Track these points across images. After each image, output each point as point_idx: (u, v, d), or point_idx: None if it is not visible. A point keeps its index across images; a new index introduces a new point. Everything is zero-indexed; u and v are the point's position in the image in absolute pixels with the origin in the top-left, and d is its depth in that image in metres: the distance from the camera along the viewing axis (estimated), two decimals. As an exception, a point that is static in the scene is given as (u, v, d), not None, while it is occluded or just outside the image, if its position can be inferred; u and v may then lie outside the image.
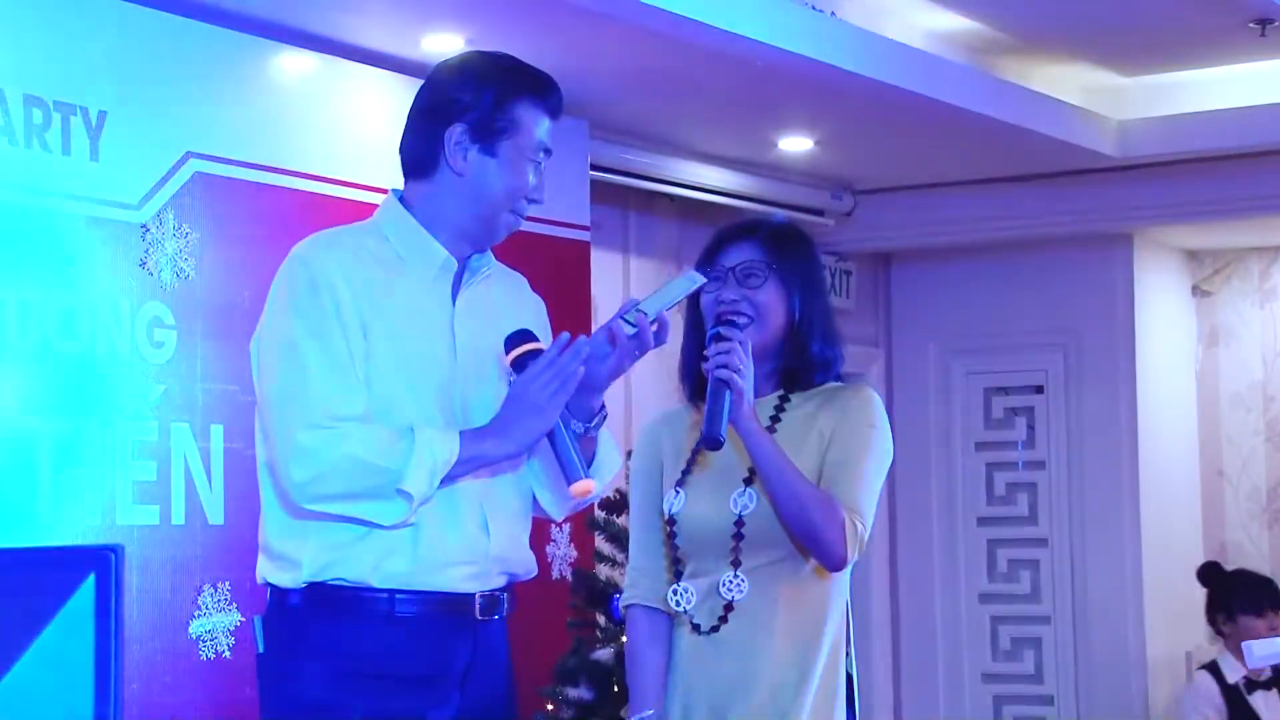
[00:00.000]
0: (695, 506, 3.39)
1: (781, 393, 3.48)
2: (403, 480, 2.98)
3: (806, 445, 3.41)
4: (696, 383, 3.42)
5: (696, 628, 3.38)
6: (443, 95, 3.24)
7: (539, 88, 3.23)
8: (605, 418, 3.25)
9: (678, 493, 3.41)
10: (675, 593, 3.39)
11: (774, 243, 3.44)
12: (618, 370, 3.21)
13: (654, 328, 3.17)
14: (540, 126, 3.21)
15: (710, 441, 3.26)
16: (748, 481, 3.37)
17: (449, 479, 3.03)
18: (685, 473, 3.43)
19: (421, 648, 3.10)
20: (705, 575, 3.38)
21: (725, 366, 3.25)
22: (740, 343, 3.29)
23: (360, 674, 3.08)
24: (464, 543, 3.13)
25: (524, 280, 3.43)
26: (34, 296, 4.30)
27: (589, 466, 3.20)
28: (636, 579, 3.47)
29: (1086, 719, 7.51)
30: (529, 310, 3.35)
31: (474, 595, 3.15)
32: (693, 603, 3.38)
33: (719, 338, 3.31)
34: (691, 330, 3.48)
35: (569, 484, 3.15)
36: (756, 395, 3.44)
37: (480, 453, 3.06)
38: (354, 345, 3.08)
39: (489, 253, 3.30)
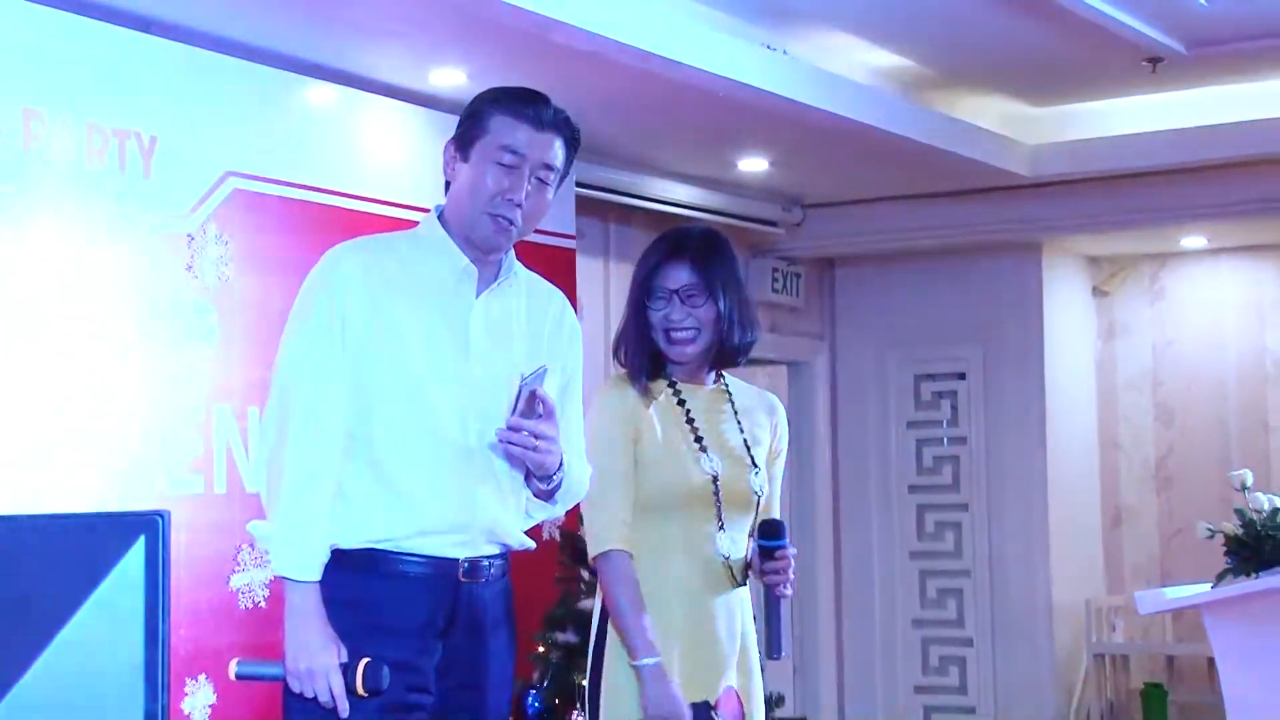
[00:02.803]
0: (730, 474, 3.42)
1: (723, 384, 3.55)
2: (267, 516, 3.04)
3: (761, 433, 3.54)
4: (649, 360, 3.46)
5: (733, 577, 3.41)
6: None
7: (512, 99, 3.14)
8: (563, 465, 3.18)
9: (712, 456, 3.42)
10: (720, 542, 3.40)
11: (703, 261, 3.46)
12: (539, 468, 3.11)
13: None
14: (511, 133, 3.12)
15: (775, 655, 3.42)
16: (754, 462, 3.47)
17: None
18: (699, 440, 3.44)
19: (410, 603, 3.08)
20: (734, 533, 3.42)
21: (787, 585, 3.40)
22: (792, 557, 3.42)
23: (365, 624, 3.07)
24: (453, 515, 3.10)
25: (562, 297, 3.29)
26: (99, 296, 4.30)
27: (555, 495, 3.19)
28: (618, 527, 3.38)
29: (1001, 658, 7.53)
30: (555, 326, 3.27)
31: (459, 560, 3.12)
32: (732, 554, 3.40)
33: (770, 554, 3.41)
34: (636, 312, 3.48)
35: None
36: (700, 383, 3.50)
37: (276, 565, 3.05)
38: (348, 335, 3.06)
39: (515, 265, 3.24)
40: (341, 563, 3.05)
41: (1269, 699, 4.67)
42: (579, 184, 5.99)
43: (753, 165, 6.59)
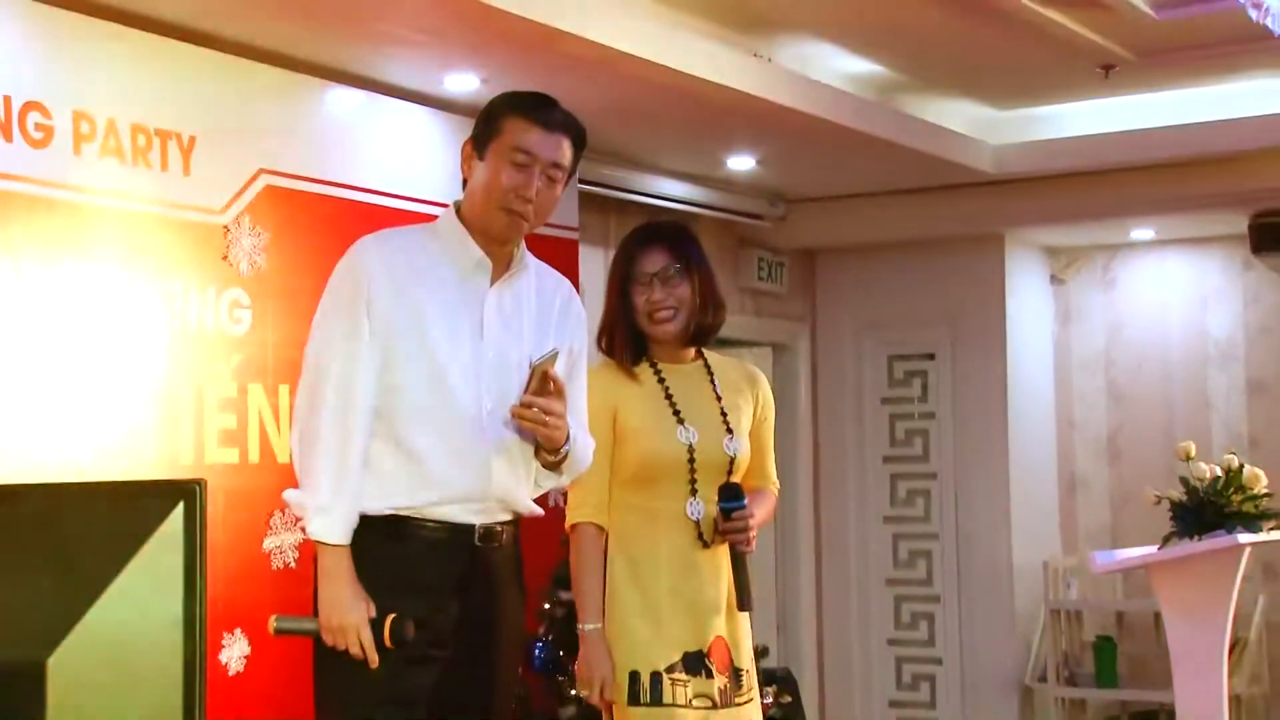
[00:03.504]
0: (705, 443, 3.45)
1: (702, 361, 3.58)
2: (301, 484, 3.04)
3: (743, 401, 3.56)
4: (633, 343, 3.48)
5: (701, 538, 3.43)
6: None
7: (525, 104, 3.14)
8: (570, 438, 3.19)
9: (689, 428, 3.44)
10: (691, 508, 3.42)
11: (676, 245, 3.52)
12: (547, 442, 3.12)
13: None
14: (524, 134, 3.11)
15: (743, 608, 3.46)
16: (729, 429, 3.48)
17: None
18: (677, 413, 3.46)
19: (429, 564, 3.08)
20: (705, 499, 3.43)
21: (747, 542, 3.43)
22: (750, 515, 3.43)
23: (389, 583, 3.07)
24: (469, 485, 3.10)
25: (569, 286, 3.31)
26: (144, 282, 4.29)
27: (562, 466, 3.19)
28: (589, 502, 3.43)
29: (966, 614, 7.54)
30: (563, 313, 3.27)
31: (474, 526, 3.12)
32: (702, 516, 3.42)
33: (728, 515, 3.42)
34: (618, 298, 3.51)
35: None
36: (681, 362, 3.51)
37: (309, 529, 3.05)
38: (374, 319, 3.05)
39: (527, 256, 3.23)
40: (368, 528, 3.05)
41: (1208, 649, 4.68)
42: (581, 181, 5.98)
43: (741, 163, 6.58)
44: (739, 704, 3.46)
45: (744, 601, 3.45)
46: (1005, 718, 7.43)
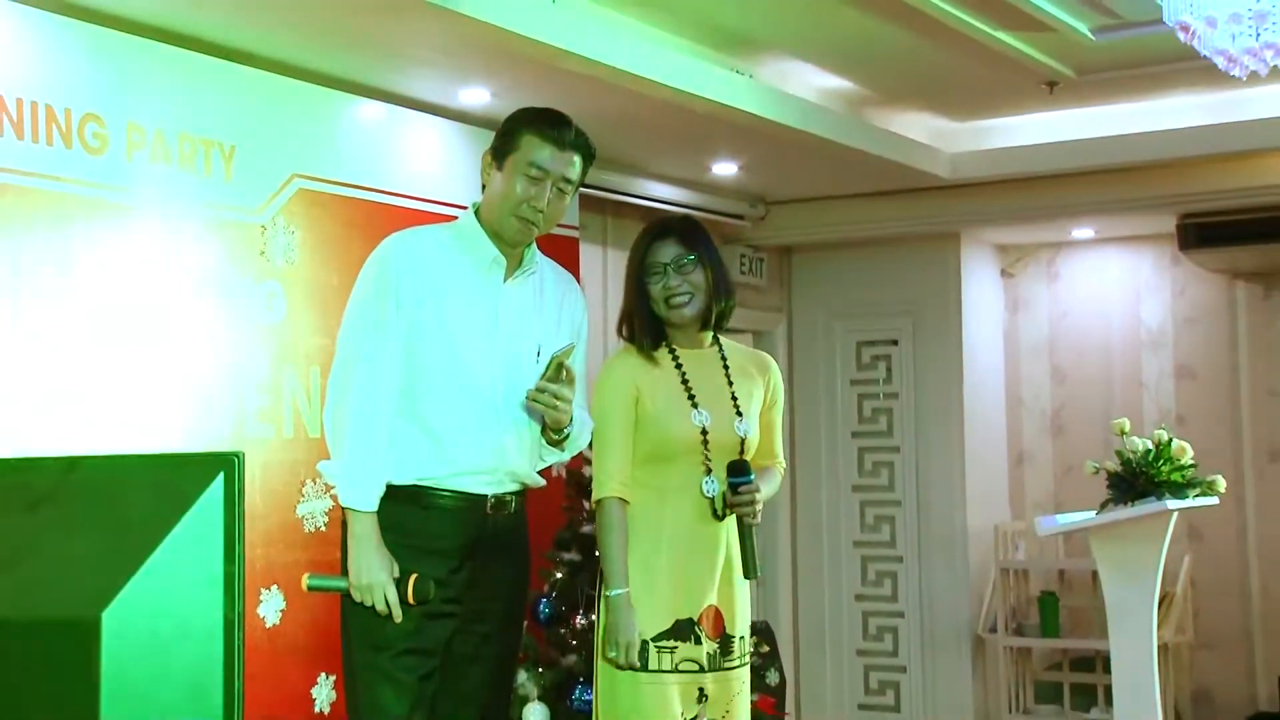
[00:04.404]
0: (717, 424, 3.35)
1: (718, 347, 3.48)
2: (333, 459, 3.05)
3: (754, 386, 3.47)
4: (651, 329, 3.39)
5: (715, 512, 3.34)
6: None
7: (542, 123, 3.14)
8: (573, 421, 3.17)
9: (703, 411, 3.35)
10: (706, 485, 3.32)
11: (688, 237, 3.43)
12: (553, 421, 3.12)
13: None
14: (539, 151, 3.12)
15: (750, 576, 3.37)
16: (739, 412, 3.39)
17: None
18: (691, 396, 3.36)
19: (444, 529, 3.09)
20: (719, 476, 3.34)
21: (754, 514, 3.34)
22: (757, 489, 3.34)
23: (411, 546, 3.07)
24: (483, 459, 3.10)
25: (574, 281, 3.33)
26: (188, 276, 4.28)
27: (564, 444, 3.17)
28: (613, 479, 3.32)
29: (925, 572, 7.55)
30: (568, 305, 3.27)
31: (487, 496, 3.12)
32: (716, 493, 3.34)
33: (735, 490, 3.32)
34: (635, 288, 3.42)
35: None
36: (697, 346, 3.44)
37: (343, 501, 3.05)
38: (400, 309, 3.05)
39: (538, 256, 3.23)
40: (393, 497, 3.06)
41: (1140, 603, 4.69)
42: (582, 184, 5.96)
43: (724, 169, 6.57)
44: (727, 668, 3.36)
45: (750, 569, 3.35)
46: (960, 665, 7.44)
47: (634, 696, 3.27)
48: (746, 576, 3.38)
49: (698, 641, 3.32)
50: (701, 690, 3.33)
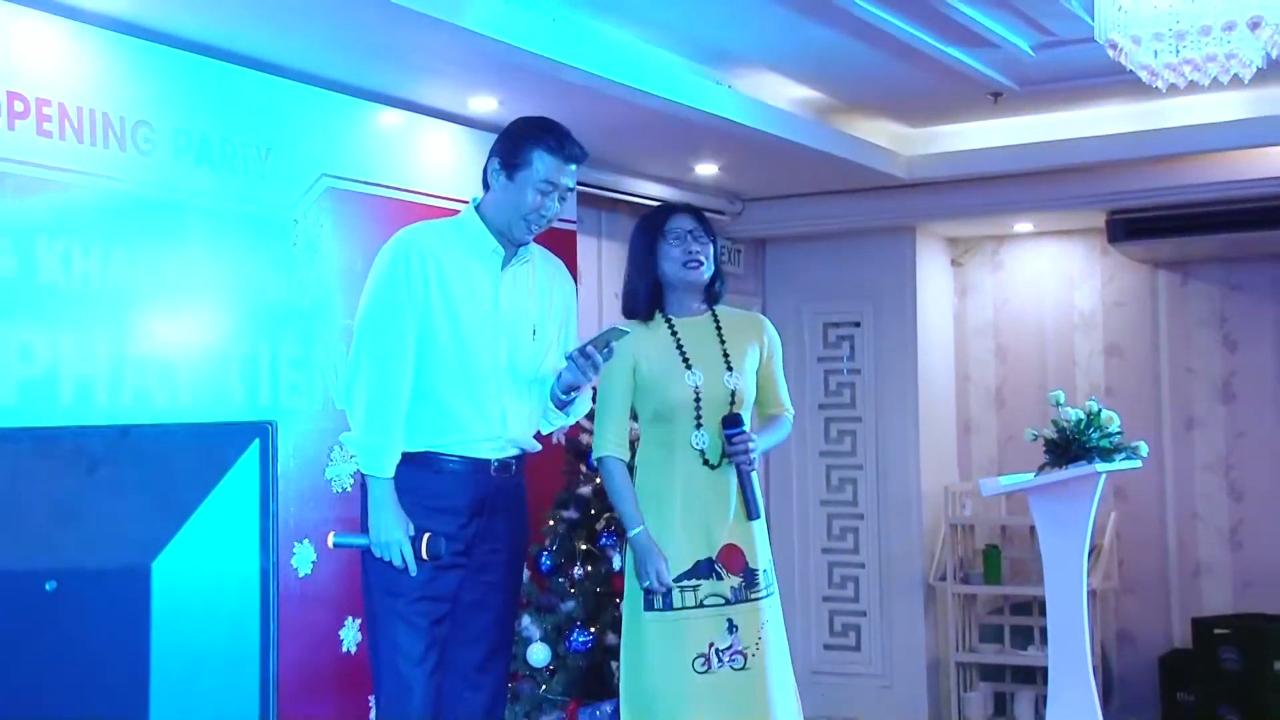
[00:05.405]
0: (709, 382, 3.33)
1: (711, 314, 3.45)
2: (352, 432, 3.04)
3: (748, 344, 3.42)
4: (650, 298, 3.37)
5: (708, 463, 3.31)
6: (496, 142, 3.21)
7: (550, 139, 3.14)
8: (579, 389, 3.18)
9: (695, 372, 3.32)
10: (696, 438, 3.30)
11: (700, 217, 3.45)
12: (577, 381, 3.12)
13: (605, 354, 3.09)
14: (550, 168, 3.12)
15: (753, 517, 3.32)
16: (730, 367, 3.35)
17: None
18: (685, 360, 3.34)
19: (454, 490, 3.10)
20: (710, 429, 3.31)
21: (749, 461, 3.30)
22: (750, 439, 3.30)
23: (423, 506, 3.08)
24: (487, 427, 3.11)
25: (562, 266, 3.32)
26: (230, 264, 4.27)
27: (568, 408, 3.18)
28: (610, 439, 3.33)
29: (883, 528, 7.57)
30: (559, 288, 3.27)
31: (491, 460, 3.13)
32: (706, 445, 3.32)
33: (730, 440, 3.28)
34: (645, 257, 3.39)
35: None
36: (692, 315, 3.43)
37: (363, 469, 3.04)
38: (412, 293, 3.05)
39: (531, 244, 3.23)
40: (407, 462, 3.07)
41: (1072, 554, 4.71)
42: (579, 183, 5.95)
43: (706, 169, 6.56)
44: (754, 599, 3.32)
45: (752, 511, 3.32)
46: (913, 610, 7.47)
47: (658, 636, 3.25)
48: (749, 518, 3.34)
49: (719, 578, 3.29)
50: (731, 621, 3.29)
